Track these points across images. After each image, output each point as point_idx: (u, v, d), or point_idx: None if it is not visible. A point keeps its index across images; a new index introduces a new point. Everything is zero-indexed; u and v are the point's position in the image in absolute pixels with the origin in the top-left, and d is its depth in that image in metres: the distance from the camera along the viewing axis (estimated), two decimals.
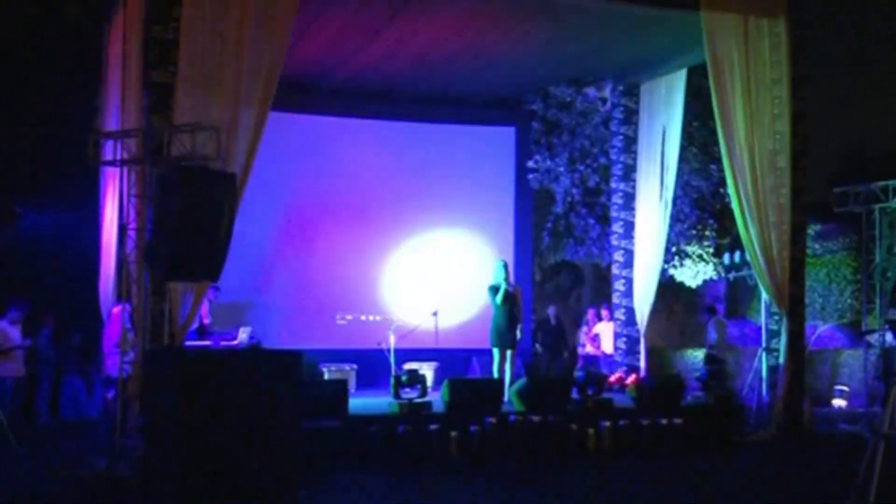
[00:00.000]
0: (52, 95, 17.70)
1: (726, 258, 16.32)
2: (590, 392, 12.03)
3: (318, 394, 10.71)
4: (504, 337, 12.91)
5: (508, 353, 12.96)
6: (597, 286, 18.76)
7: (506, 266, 13.22)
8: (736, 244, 15.63)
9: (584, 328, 16.81)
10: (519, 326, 13.05)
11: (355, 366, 14.09)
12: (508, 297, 12.95)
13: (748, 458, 11.66)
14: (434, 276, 16.05)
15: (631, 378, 13.48)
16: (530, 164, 17.27)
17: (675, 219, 17.31)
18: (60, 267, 15.11)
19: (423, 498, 8.88)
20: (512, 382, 12.55)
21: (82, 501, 8.43)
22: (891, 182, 13.06)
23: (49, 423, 13.45)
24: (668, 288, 17.73)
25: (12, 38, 18.54)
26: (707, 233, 18.34)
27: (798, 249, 13.13)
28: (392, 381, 11.50)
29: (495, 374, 12.86)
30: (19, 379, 12.56)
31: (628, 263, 15.97)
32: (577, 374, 12.57)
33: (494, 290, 13.03)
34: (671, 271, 17.96)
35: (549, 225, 18.09)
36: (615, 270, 16.33)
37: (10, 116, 18.24)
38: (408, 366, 12.93)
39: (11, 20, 18.66)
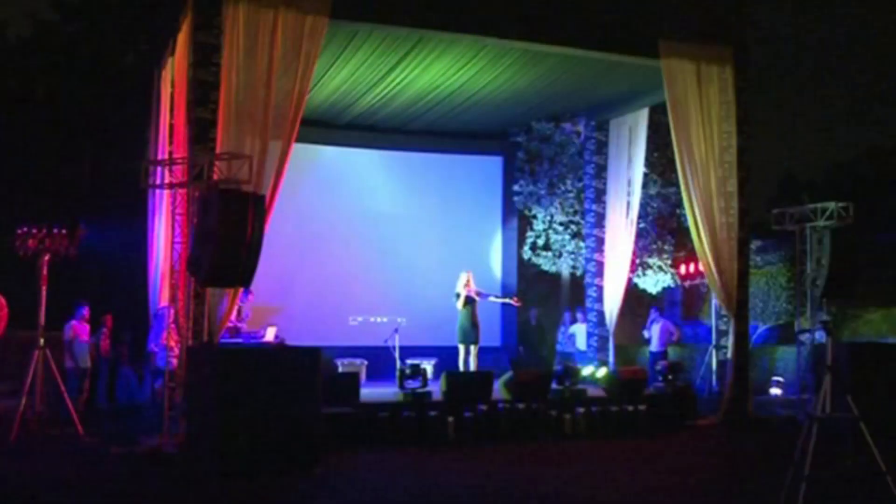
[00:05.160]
0: (109, 130, 17.75)
1: (682, 269, 16.31)
2: (567, 383, 11.99)
3: (334, 384, 10.68)
4: (467, 335, 12.99)
5: (471, 348, 13.04)
6: (572, 293, 18.68)
7: (468, 276, 13.25)
8: (690, 257, 15.62)
9: (562, 329, 16.76)
10: (478, 327, 13.11)
11: (365, 360, 14.03)
12: (469, 302, 12.97)
13: (702, 438, 11.63)
14: (433, 284, 15.97)
15: (601, 371, 13.44)
16: (515, 188, 17.31)
17: (639, 235, 17.25)
18: (116, 275, 15.10)
19: (424, 473, 8.84)
20: None
21: (135, 474, 8.39)
22: (818, 204, 13.12)
23: (106, 407, 13.39)
24: (632, 294, 17.67)
25: (78, 82, 18.62)
26: (666, 247, 18.31)
27: (743, 261, 13.12)
28: (397, 373, 11.46)
29: (460, 367, 12.87)
30: (84, 369, 12.56)
31: (599, 273, 15.95)
32: (556, 367, 12.53)
33: (457, 296, 13.11)
34: (635, 280, 17.92)
35: (531, 240, 18.07)
36: (588, 279, 16.30)
37: (74, 150, 18.30)
38: (410, 361, 12.89)
39: (77, 67, 18.74)
